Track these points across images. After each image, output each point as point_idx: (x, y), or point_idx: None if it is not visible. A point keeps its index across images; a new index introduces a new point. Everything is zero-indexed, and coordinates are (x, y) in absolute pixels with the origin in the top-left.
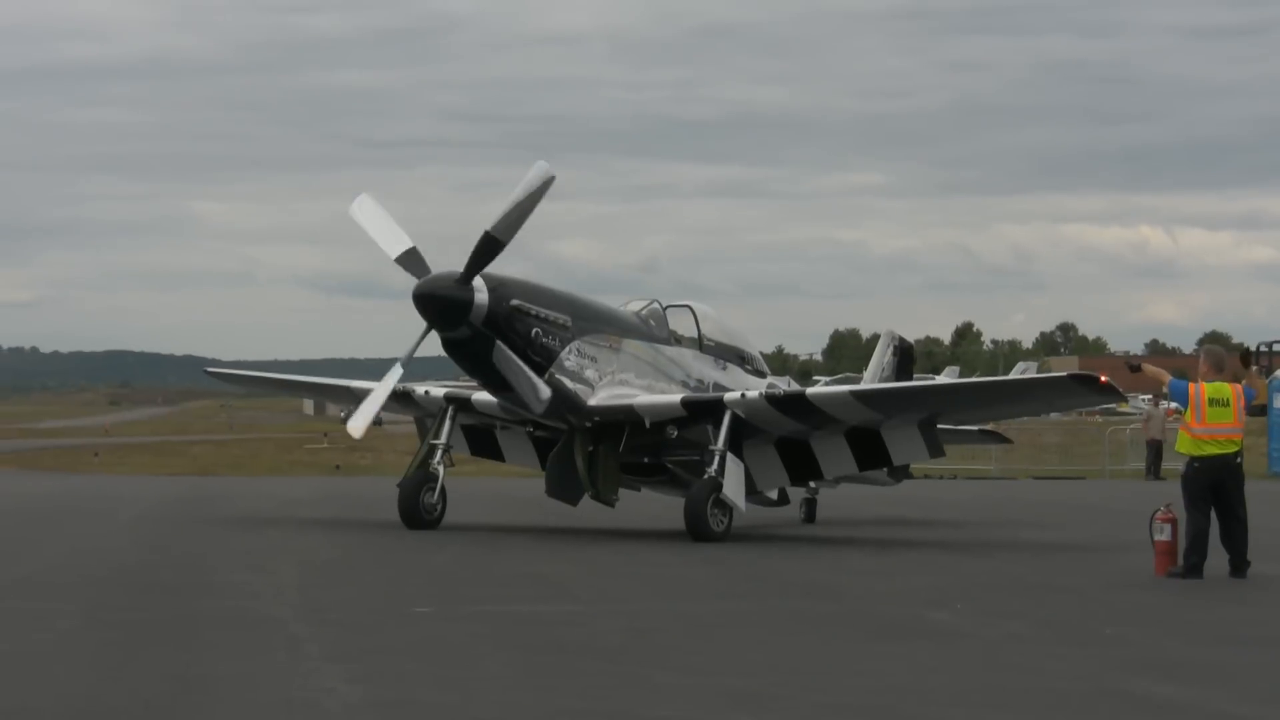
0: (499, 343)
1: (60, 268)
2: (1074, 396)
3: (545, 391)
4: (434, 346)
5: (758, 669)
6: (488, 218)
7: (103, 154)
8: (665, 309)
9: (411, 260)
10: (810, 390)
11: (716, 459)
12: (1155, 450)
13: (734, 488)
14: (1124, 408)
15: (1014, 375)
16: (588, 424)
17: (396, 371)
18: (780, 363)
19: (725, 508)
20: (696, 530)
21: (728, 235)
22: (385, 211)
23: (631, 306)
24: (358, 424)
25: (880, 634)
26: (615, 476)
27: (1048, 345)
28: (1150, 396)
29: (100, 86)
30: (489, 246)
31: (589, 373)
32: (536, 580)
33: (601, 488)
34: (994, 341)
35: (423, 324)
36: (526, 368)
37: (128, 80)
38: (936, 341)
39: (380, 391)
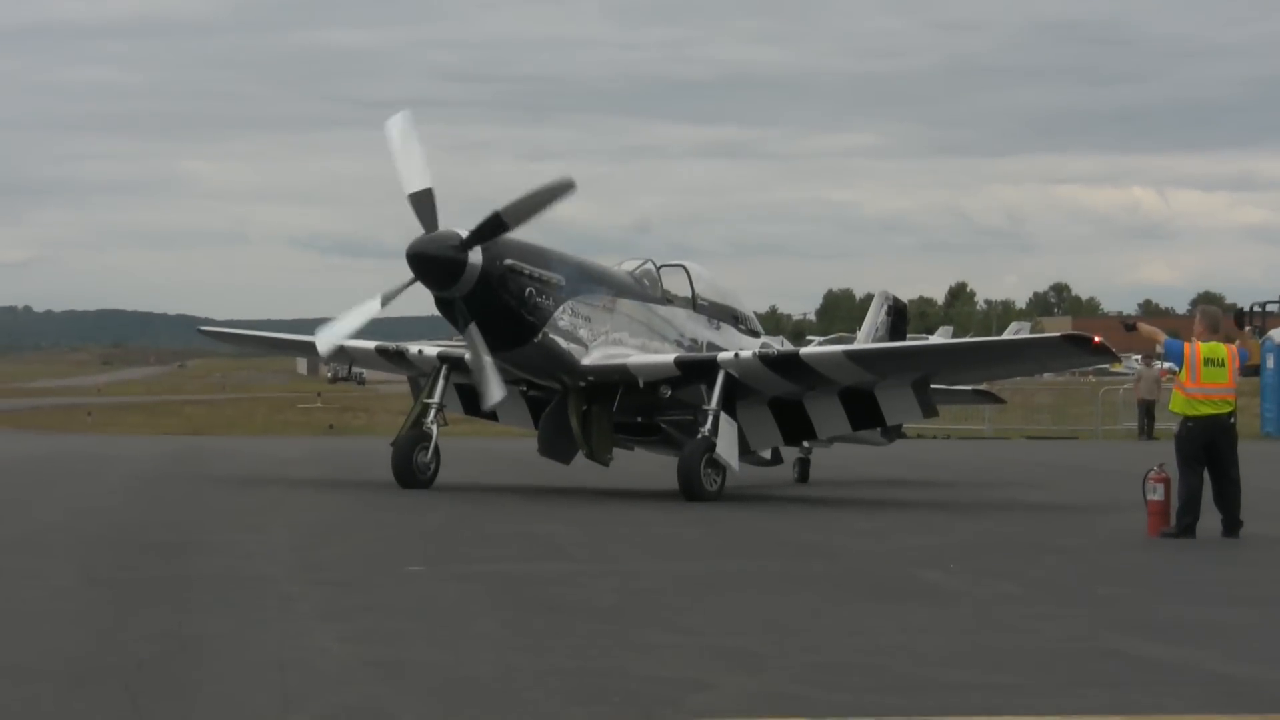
0: (473, 325)
1: (53, 227)
2: (1067, 357)
3: (498, 396)
4: (428, 306)
5: (751, 629)
6: (501, 199)
7: (95, 113)
8: (659, 268)
9: (422, 203)
10: (804, 350)
11: (710, 419)
12: (1146, 410)
13: (727, 447)
14: (1117, 368)
15: (1007, 335)
16: (582, 384)
17: (375, 303)
18: (774, 323)
19: (719, 467)
20: (690, 490)
21: (720, 196)
22: (417, 142)
23: (625, 266)
24: (326, 336)
25: (873, 594)
26: (609, 436)
27: (1041, 305)
28: (1141, 356)
29: (92, 45)
30: (495, 225)
31: (583, 332)
32: (530, 540)
33: (596, 447)
34: (987, 302)
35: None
36: (490, 366)
37: (120, 39)
38: (930, 302)
39: (355, 316)
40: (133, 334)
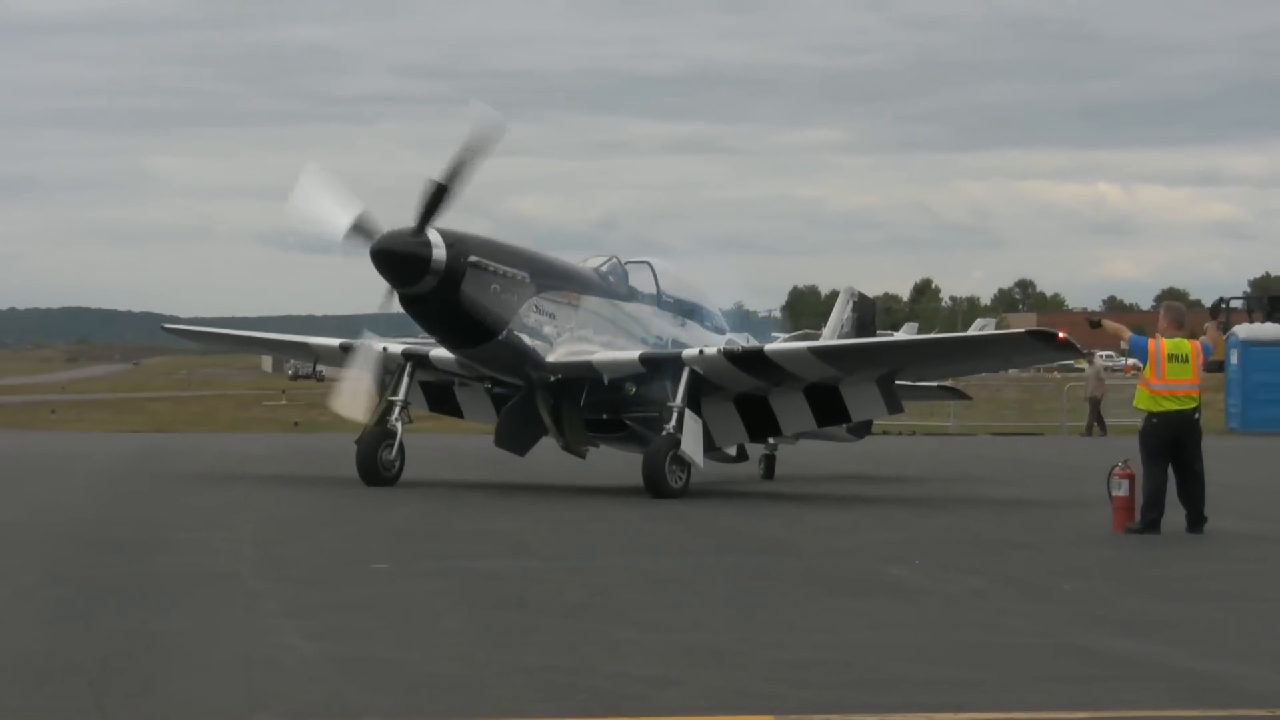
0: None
1: (16, 224)
2: (1032, 353)
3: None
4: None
5: (717, 625)
6: (462, 189)
7: (58, 109)
8: (625, 265)
9: (363, 227)
10: (769, 346)
11: (675, 415)
12: (1094, 407)
13: (692, 444)
14: (1081, 364)
15: (973, 331)
16: (553, 378)
17: (372, 343)
18: (739, 319)
19: (684, 464)
20: (655, 487)
21: (687, 192)
22: (328, 186)
23: (591, 263)
24: (351, 405)
25: (839, 590)
26: (582, 428)
27: (1006, 302)
28: (1089, 352)
29: (56, 41)
30: (437, 194)
31: (547, 329)
32: (495, 537)
33: (571, 439)
34: (953, 298)
35: (380, 281)
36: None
37: (83, 35)
38: (895, 298)
39: (362, 364)
40: (97, 331)
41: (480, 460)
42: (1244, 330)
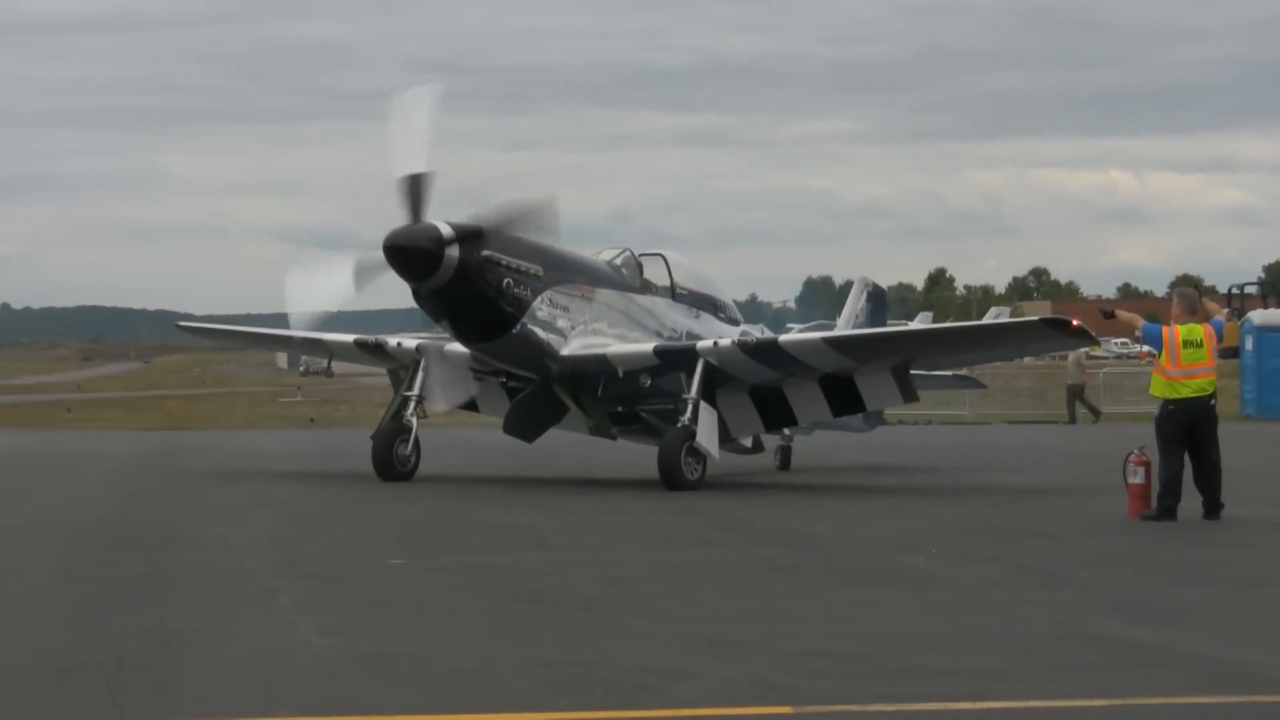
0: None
1: (29, 223)
2: (1046, 341)
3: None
4: (406, 298)
5: (733, 616)
6: (481, 192)
7: (69, 108)
8: (638, 257)
9: (416, 188)
10: (783, 337)
11: (690, 407)
12: (1075, 395)
13: (708, 436)
14: (1096, 351)
15: (987, 320)
16: (568, 373)
17: (346, 278)
18: (754, 311)
19: (699, 456)
20: (671, 479)
21: (699, 183)
22: (430, 123)
23: (604, 255)
24: (300, 315)
25: (856, 580)
26: (605, 412)
27: (1020, 290)
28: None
29: (65, 39)
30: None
31: (561, 323)
32: (511, 530)
33: (598, 422)
34: (967, 287)
35: (393, 275)
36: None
37: (92, 33)
38: (910, 287)
39: (329, 292)
40: (112, 330)
41: (495, 454)
42: (1258, 316)
